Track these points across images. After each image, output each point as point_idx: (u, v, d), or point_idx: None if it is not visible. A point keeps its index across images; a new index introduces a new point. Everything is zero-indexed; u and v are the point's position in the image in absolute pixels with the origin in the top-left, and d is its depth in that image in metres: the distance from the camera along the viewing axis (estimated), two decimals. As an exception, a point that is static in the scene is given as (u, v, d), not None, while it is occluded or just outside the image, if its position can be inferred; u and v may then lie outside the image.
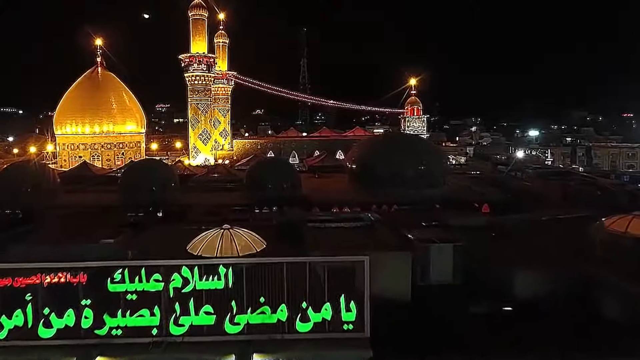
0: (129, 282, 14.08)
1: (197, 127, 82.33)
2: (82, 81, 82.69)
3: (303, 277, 14.26)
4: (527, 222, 29.87)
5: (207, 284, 14.17)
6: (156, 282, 14.16)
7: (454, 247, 22.48)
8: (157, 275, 14.21)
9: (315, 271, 14.40)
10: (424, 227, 28.20)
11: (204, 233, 23.13)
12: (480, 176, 60.33)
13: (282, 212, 30.03)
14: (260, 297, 14.21)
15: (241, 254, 21.91)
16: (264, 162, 47.97)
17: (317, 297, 14.32)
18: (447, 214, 31.55)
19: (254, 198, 40.84)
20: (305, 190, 43.82)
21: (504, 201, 41.93)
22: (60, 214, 35.83)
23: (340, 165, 62.79)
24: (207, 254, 21.76)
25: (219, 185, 47.76)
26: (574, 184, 51.27)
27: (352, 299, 14.48)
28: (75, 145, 79.84)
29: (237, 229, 23.34)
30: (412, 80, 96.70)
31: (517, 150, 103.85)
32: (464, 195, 43.56)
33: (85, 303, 13.97)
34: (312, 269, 14.43)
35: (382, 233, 25.09)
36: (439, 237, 23.61)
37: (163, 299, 14.12)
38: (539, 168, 74.48)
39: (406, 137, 60.76)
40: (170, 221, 34.11)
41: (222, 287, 14.15)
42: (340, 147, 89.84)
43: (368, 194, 42.11)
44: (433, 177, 43.24)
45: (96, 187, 49.07)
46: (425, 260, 22.28)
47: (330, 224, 26.70)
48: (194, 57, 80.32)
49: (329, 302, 14.32)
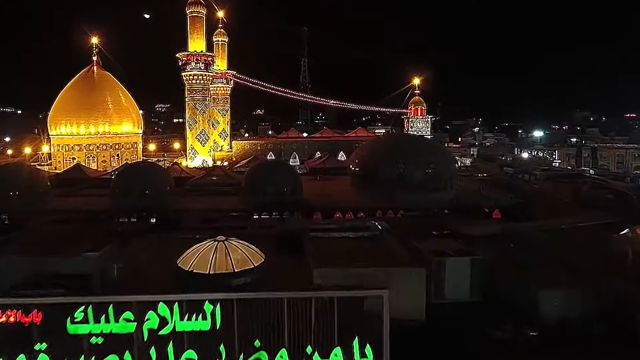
0: (94, 322, 11.57)
1: (194, 128, 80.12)
2: (78, 80, 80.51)
3: (307, 314, 11.78)
4: (545, 230, 27.86)
5: (189, 324, 11.69)
6: (127, 323, 11.64)
7: (471, 261, 20.47)
8: (129, 314, 11.69)
9: (322, 302, 12.13)
10: (434, 236, 26.22)
11: (197, 245, 21.10)
12: (487, 179, 58.23)
13: (283, 220, 27.97)
14: (256, 340, 11.82)
15: (237, 269, 19.94)
16: (264, 165, 45.94)
17: (324, 339, 11.86)
18: (458, 222, 29.48)
19: (252, 203, 38.79)
20: (306, 194, 41.76)
21: (516, 206, 39.93)
22: (48, 220, 33.86)
23: (342, 167, 60.71)
24: (199, 269, 19.78)
25: (217, 189, 45.72)
26: (586, 187, 49.28)
27: (368, 341, 11.97)
28: (70, 146, 77.64)
29: (233, 240, 21.32)
30: (416, 79, 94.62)
31: (523, 151, 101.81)
32: (473, 200, 41.51)
33: (39, 348, 11.47)
34: (318, 299, 12.07)
35: (391, 244, 23.05)
36: (453, 249, 21.61)
37: (136, 342, 11.68)
38: (547, 170, 72.58)
39: (412, 138, 58.45)
40: (163, 228, 32.07)
41: (208, 328, 11.69)
42: (342, 148, 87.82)
43: (372, 198, 40.06)
44: (441, 180, 41.13)
45: (88, 190, 47.10)
46: (440, 276, 20.28)
47: (335, 233, 24.67)
48: (191, 55, 78.09)
49: (339, 346, 11.87)
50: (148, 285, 19.34)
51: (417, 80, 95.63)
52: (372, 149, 46.44)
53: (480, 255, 20.82)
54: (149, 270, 21.15)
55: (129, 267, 21.59)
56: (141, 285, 19.45)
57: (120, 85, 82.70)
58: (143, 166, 47.55)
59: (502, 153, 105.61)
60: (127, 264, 21.75)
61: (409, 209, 37.96)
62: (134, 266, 21.72)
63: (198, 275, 19.34)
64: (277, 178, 41.14)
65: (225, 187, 45.86)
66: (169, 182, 42.45)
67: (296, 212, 37.45)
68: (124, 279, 20.61)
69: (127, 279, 20.61)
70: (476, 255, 20.67)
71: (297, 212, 37.45)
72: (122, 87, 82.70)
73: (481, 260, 20.50)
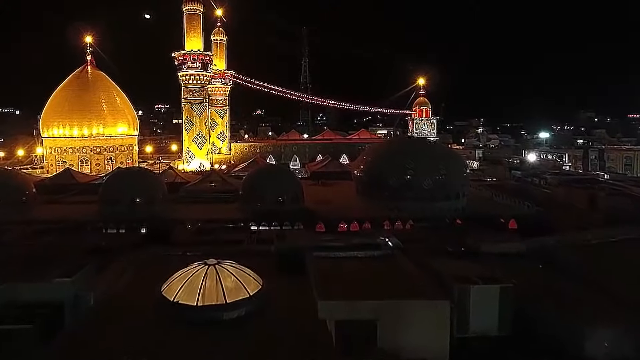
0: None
1: (191, 130, 77.26)
2: (71, 80, 77.63)
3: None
4: (574, 246, 25.12)
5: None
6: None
7: (500, 289, 17.72)
8: None
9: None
10: (451, 254, 23.49)
11: (183, 270, 18.41)
12: (497, 183, 55.35)
13: (283, 234, 25.23)
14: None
15: (229, 299, 17.19)
16: (263, 171, 43.10)
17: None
18: (475, 236, 26.69)
19: (250, 212, 36.11)
20: (308, 202, 39.03)
21: (533, 216, 37.24)
22: (27, 232, 31.13)
23: (345, 172, 57.91)
24: (186, 300, 17.03)
25: (213, 196, 42.92)
26: (603, 194, 46.51)
27: None
28: (63, 149, 74.79)
29: (226, 264, 18.62)
30: (421, 80, 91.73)
31: (529, 153, 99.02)
32: (487, 209, 38.83)
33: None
34: None
35: (406, 266, 20.34)
36: (478, 273, 18.83)
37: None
38: (558, 174, 69.75)
39: (420, 141, 55.21)
40: (153, 242, 29.36)
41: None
42: (345, 150, 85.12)
43: (379, 207, 37.38)
44: (452, 188, 38.37)
45: (77, 197, 44.33)
46: (464, 306, 17.53)
47: (341, 252, 21.95)
48: (188, 54, 75.27)
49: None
50: (126, 319, 16.61)
51: (422, 81, 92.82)
52: (378, 154, 43.63)
53: (509, 281, 18.07)
54: (129, 299, 18.40)
55: (107, 294, 18.87)
56: (119, 318, 16.75)
57: (115, 86, 79.90)
58: (134, 172, 44.78)
59: (508, 155, 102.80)
60: (106, 291, 19.04)
61: (419, 219, 35.32)
62: (113, 293, 18.98)
63: (184, 307, 16.63)
64: (277, 185, 38.41)
65: (221, 194, 43.08)
66: (162, 190, 39.69)
67: (297, 222, 34.92)
68: (100, 309, 17.86)
69: (104, 309, 17.87)
70: (505, 283, 17.91)
71: (298, 222, 34.90)
72: (117, 87, 79.90)
73: (511, 288, 17.76)
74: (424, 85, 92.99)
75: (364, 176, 41.54)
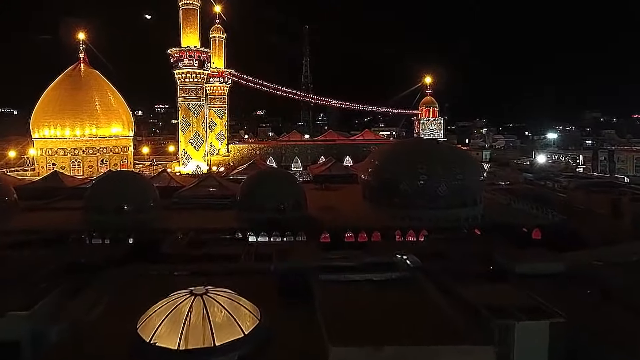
0: None
1: (187, 131, 73.93)
2: (63, 79, 74.19)
3: None
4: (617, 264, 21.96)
5: None
6: None
7: (550, 325, 14.53)
8: None
9: None
10: (479, 276, 20.25)
11: (166, 300, 15.24)
12: (510, 188, 52.03)
13: (284, 252, 22.01)
14: None
15: (219, 341, 14.04)
16: (262, 175, 39.79)
17: None
18: (502, 252, 23.45)
19: (248, 221, 32.95)
20: (311, 209, 35.87)
21: (557, 225, 34.07)
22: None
23: (350, 175, 54.78)
24: (165, 341, 13.85)
25: (208, 202, 39.69)
26: (626, 199, 43.35)
27: None
28: (54, 150, 71.55)
29: (216, 292, 15.45)
30: (427, 78, 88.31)
31: (539, 154, 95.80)
32: (506, 217, 35.56)
33: None
34: None
35: (430, 293, 17.14)
36: (520, 304, 15.60)
37: None
38: (573, 176, 66.61)
39: (433, 143, 51.47)
40: (139, 255, 26.22)
41: None
42: (349, 152, 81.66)
43: (389, 214, 34.21)
44: (469, 193, 35.17)
45: (63, 203, 41.18)
46: (506, 346, 14.35)
47: (352, 275, 18.76)
48: (184, 51, 71.99)
49: None
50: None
51: (428, 79, 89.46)
52: (388, 157, 40.36)
53: (559, 314, 14.88)
54: (102, 334, 15.25)
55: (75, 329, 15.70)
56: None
57: (110, 85, 76.51)
58: (123, 176, 41.40)
59: (516, 157, 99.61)
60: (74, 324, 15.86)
61: (433, 229, 32.18)
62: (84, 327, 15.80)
63: (162, 351, 13.46)
64: (278, 191, 35.18)
65: (218, 200, 39.87)
66: (153, 195, 36.51)
67: (300, 232, 31.80)
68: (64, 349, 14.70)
69: (68, 348, 14.70)
70: (555, 316, 14.72)
71: (301, 232, 31.78)
72: (111, 86, 76.51)
73: (562, 323, 14.57)
74: (431, 84, 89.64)
75: (372, 181, 38.30)
